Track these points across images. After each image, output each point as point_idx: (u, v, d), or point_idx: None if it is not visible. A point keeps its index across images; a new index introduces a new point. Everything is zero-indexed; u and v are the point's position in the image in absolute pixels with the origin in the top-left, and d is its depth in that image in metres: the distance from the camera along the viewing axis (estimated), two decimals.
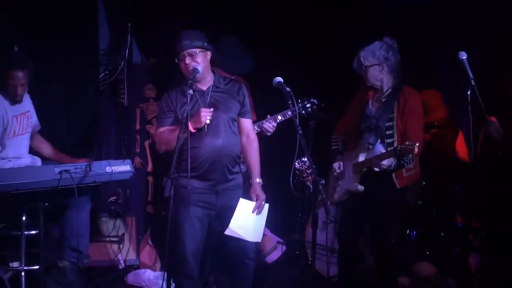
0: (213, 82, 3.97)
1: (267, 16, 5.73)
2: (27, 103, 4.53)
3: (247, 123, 4.04)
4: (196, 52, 3.85)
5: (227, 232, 3.91)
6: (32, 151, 4.56)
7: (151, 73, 5.81)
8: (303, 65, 5.76)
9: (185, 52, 3.84)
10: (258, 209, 3.95)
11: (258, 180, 3.97)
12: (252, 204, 3.94)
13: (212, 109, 3.83)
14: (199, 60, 3.85)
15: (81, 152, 5.02)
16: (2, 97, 4.38)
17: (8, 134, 4.37)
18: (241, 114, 4.00)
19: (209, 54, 3.93)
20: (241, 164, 4.06)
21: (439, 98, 5.25)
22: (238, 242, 3.96)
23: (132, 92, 5.71)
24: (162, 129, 3.95)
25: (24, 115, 4.48)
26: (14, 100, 4.38)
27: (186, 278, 3.91)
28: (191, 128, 3.77)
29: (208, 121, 3.79)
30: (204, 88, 3.95)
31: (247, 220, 3.93)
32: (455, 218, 5.35)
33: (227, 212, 3.94)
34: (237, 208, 3.90)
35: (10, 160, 4.37)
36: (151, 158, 5.70)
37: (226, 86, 4.00)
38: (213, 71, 4.02)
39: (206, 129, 3.83)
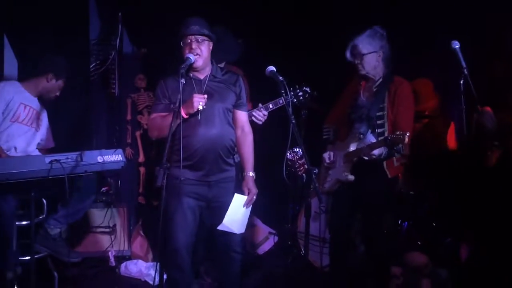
0: (211, 72, 3.94)
1: (260, 6, 5.71)
2: (41, 106, 4.67)
3: (242, 115, 4.01)
4: (203, 39, 3.85)
5: (220, 227, 3.88)
6: None
7: (142, 63, 5.79)
8: (295, 54, 5.74)
9: (192, 37, 3.83)
10: (248, 203, 3.93)
11: (251, 174, 3.94)
12: (243, 198, 3.91)
13: (205, 95, 3.79)
14: (203, 49, 3.85)
15: (72, 143, 5.00)
16: (23, 88, 4.56)
17: (10, 118, 4.45)
18: (237, 106, 3.97)
19: (211, 45, 3.92)
20: (235, 155, 4.04)
21: (431, 87, 5.25)
22: (224, 235, 3.94)
23: (123, 82, 5.69)
24: (155, 115, 3.93)
25: (35, 111, 4.60)
26: (45, 97, 4.64)
27: (177, 269, 3.90)
28: (183, 114, 3.73)
29: (200, 107, 3.74)
30: (202, 77, 3.92)
31: (238, 214, 3.91)
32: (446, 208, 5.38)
33: (217, 204, 3.92)
34: (231, 204, 3.88)
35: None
36: (142, 149, 5.68)
37: (223, 76, 3.97)
38: (211, 62, 3.99)
39: (199, 117, 3.78)
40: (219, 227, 3.88)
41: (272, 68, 3.78)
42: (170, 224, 3.84)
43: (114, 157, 4.15)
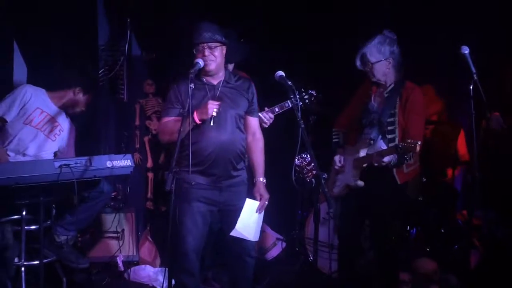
0: (224, 78, 3.93)
1: (268, 9, 5.72)
2: (61, 117, 4.69)
3: (254, 121, 4.02)
4: (216, 45, 3.83)
5: (232, 233, 3.88)
6: None
7: (151, 69, 5.78)
8: (303, 58, 5.74)
9: (205, 45, 3.81)
10: (261, 209, 3.93)
11: (262, 179, 3.95)
12: (256, 203, 3.92)
13: (219, 102, 3.79)
14: (216, 54, 3.83)
15: (80, 148, 5.00)
16: (46, 96, 4.62)
17: (24, 119, 4.48)
18: (249, 112, 3.98)
19: (224, 49, 3.90)
20: (245, 160, 4.04)
21: (433, 91, 5.25)
22: (239, 239, 3.95)
23: (132, 87, 5.69)
24: (167, 119, 3.91)
25: (51, 118, 4.61)
26: (69, 111, 4.68)
27: (186, 274, 3.89)
28: (196, 119, 3.72)
29: (214, 113, 3.74)
30: (215, 82, 3.92)
31: (251, 220, 3.91)
32: (455, 215, 5.36)
33: (228, 208, 3.92)
34: (243, 209, 3.88)
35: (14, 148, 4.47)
36: (150, 154, 5.67)
37: (236, 82, 3.97)
38: (224, 67, 3.99)
39: (212, 123, 3.77)
40: (232, 233, 3.88)
41: (281, 73, 3.80)
42: (180, 228, 3.82)
43: (123, 162, 4.18)
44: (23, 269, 4.24)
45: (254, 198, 3.93)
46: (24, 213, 4.19)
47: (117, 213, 5.28)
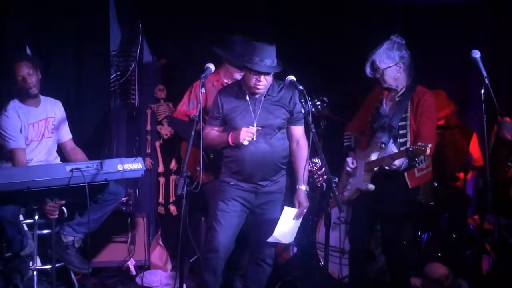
0: (267, 91, 3.96)
1: (279, 16, 5.73)
2: (48, 109, 4.60)
3: (297, 130, 4.05)
4: (271, 74, 3.88)
5: (270, 239, 3.95)
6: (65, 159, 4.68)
7: (162, 74, 5.80)
8: (314, 64, 5.73)
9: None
10: (298, 216, 4.00)
11: (303, 187, 4.01)
12: (294, 211, 3.99)
13: (255, 130, 3.87)
14: (269, 79, 3.88)
15: (92, 153, 5.02)
16: (22, 104, 4.46)
17: (26, 141, 4.45)
18: (291, 122, 4.03)
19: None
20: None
21: (444, 96, 5.22)
22: (258, 244, 4.04)
23: (143, 92, 5.71)
24: (209, 128, 4.05)
25: (44, 121, 4.55)
26: (29, 95, 4.43)
27: (209, 272, 3.98)
28: (230, 141, 3.89)
29: (246, 143, 3.84)
30: (257, 95, 3.97)
31: (287, 226, 3.99)
32: (467, 220, 5.34)
33: (260, 211, 4.03)
34: (281, 217, 3.95)
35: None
36: (161, 159, 5.69)
37: (279, 93, 4.00)
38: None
39: (246, 144, 3.89)
40: (269, 240, 3.95)
41: (291, 77, 3.84)
42: (213, 225, 3.95)
43: (134, 165, 4.20)
44: (35, 273, 4.27)
45: (292, 205, 4.01)
46: (36, 217, 4.22)
47: (128, 218, 5.29)
